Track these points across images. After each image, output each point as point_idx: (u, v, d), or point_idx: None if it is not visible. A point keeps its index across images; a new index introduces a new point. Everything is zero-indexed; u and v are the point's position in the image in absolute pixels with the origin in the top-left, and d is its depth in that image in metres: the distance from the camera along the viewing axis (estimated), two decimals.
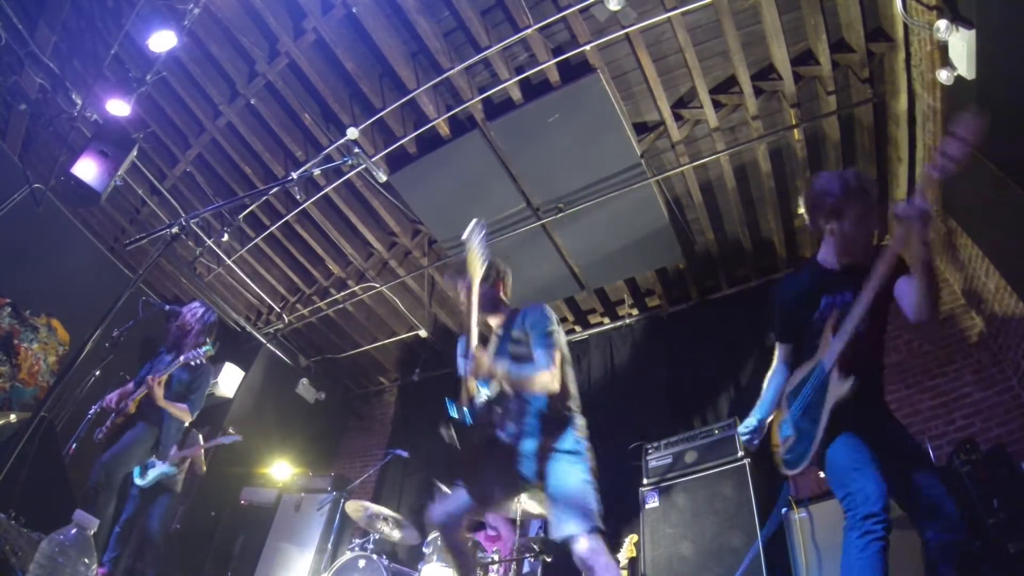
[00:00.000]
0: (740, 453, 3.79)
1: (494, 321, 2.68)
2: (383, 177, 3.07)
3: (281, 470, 5.68)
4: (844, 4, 3.69)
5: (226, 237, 5.63)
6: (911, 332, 4.52)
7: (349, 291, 6.21)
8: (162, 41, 4.08)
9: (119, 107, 4.46)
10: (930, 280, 1.91)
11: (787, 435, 2.22)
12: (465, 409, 2.35)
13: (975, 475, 2.90)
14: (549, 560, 3.92)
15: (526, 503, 3.98)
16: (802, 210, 2.34)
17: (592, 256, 5.41)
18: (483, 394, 2.38)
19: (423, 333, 6.38)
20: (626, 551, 3.86)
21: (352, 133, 3.64)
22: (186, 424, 4.03)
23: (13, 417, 4.02)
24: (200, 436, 4.77)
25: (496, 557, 3.96)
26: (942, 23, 2.96)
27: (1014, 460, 2.89)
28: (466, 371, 2.39)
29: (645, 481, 4.07)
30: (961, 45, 2.94)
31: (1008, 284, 3.73)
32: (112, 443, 3.80)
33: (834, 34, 3.88)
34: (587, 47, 3.99)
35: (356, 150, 2.77)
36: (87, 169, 4.53)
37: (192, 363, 3.87)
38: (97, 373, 3.96)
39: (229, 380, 6.15)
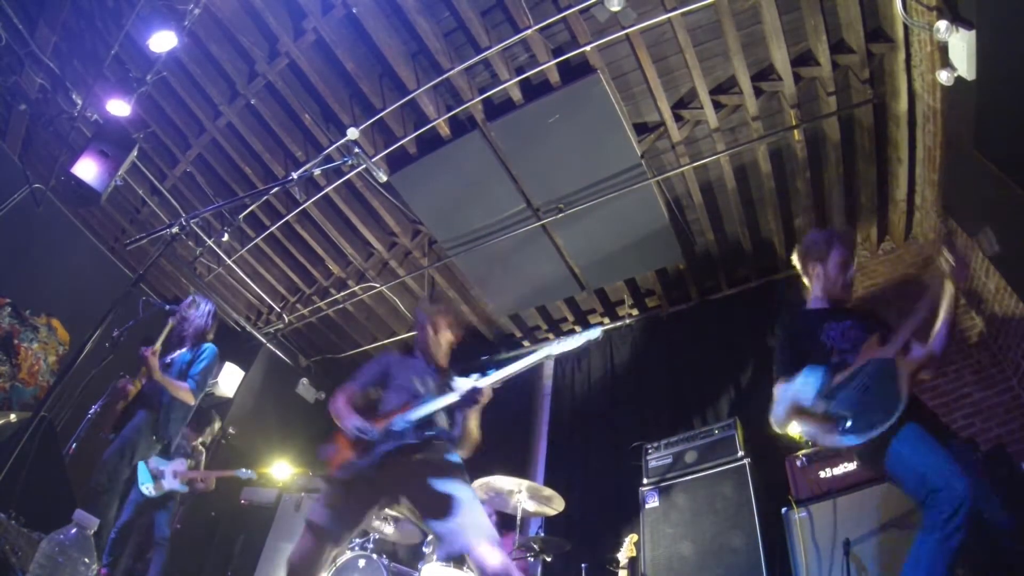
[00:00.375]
0: (740, 453, 3.79)
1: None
2: (383, 177, 3.07)
3: (281, 470, 5.68)
4: (844, 4, 3.69)
5: (226, 237, 5.63)
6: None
7: (349, 291, 6.21)
8: (162, 41, 4.08)
9: (119, 107, 4.46)
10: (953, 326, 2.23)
11: (844, 412, 2.14)
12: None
13: None
14: (549, 560, 3.92)
15: (525, 503, 3.98)
16: (796, 263, 2.70)
17: (592, 256, 5.41)
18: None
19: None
20: (626, 551, 3.86)
21: (352, 133, 3.63)
22: (192, 407, 3.94)
23: (13, 417, 4.02)
24: (204, 454, 4.77)
25: None
26: (942, 23, 2.96)
27: (1014, 460, 2.89)
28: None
29: (645, 481, 4.07)
30: (961, 45, 2.94)
31: (1008, 284, 3.73)
32: (116, 430, 3.78)
33: (834, 34, 3.88)
34: (587, 47, 3.99)
35: (356, 150, 2.76)
36: (87, 169, 4.53)
37: (182, 315, 3.85)
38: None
39: (229, 380, 6.14)
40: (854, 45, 3.85)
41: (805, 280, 2.65)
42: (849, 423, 2.10)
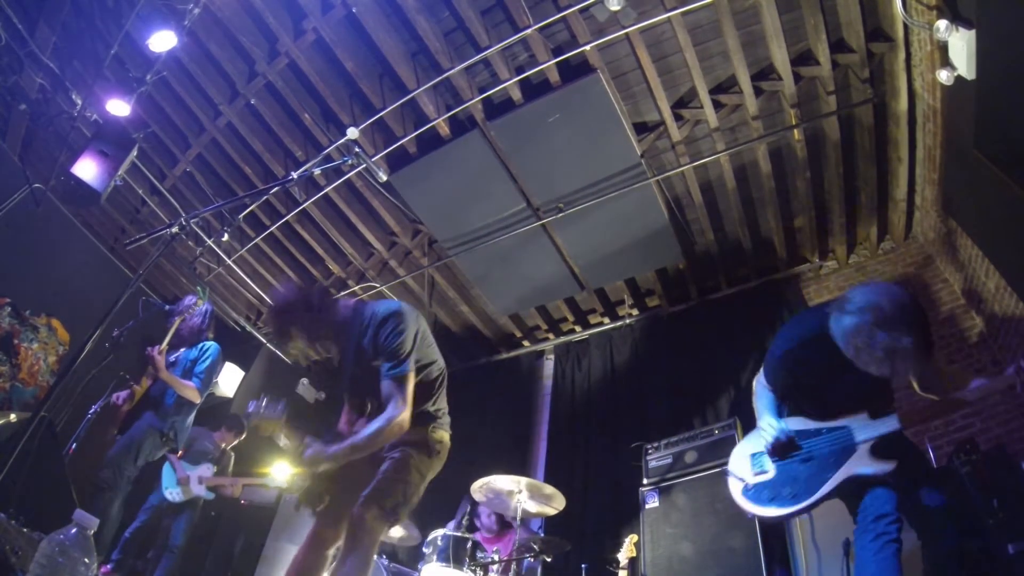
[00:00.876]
0: None
1: None
2: (383, 177, 3.07)
3: (281, 470, 5.68)
4: (844, 4, 3.69)
5: (226, 237, 5.58)
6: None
7: (349, 291, 6.21)
8: (162, 41, 4.07)
9: (119, 107, 4.46)
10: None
11: (762, 471, 2.16)
12: None
13: (975, 475, 2.89)
14: (549, 560, 3.92)
15: (526, 503, 3.98)
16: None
17: (592, 256, 5.41)
18: None
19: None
20: (626, 551, 3.86)
21: (352, 133, 3.62)
22: (196, 405, 3.96)
23: (13, 417, 4.01)
24: (232, 458, 4.77)
25: (496, 557, 3.96)
26: (942, 23, 2.96)
27: (1014, 460, 2.89)
28: None
29: (645, 481, 4.07)
30: (961, 45, 2.94)
31: (1008, 284, 3.73)
32: (122, 434, 3.80)
33: (834, 34, 3.88)
34: (587, 47, 3.99)
35: (356, 150, 2.76)
36: (87, 169, 4.53)
37: (186, 314, 3.87)
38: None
39: (229, 380, 6.14)
40: (854, 44, 3.84)
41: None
42: (760, 487, 2.11)
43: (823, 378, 2.10)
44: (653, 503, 3.91)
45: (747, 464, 2.23)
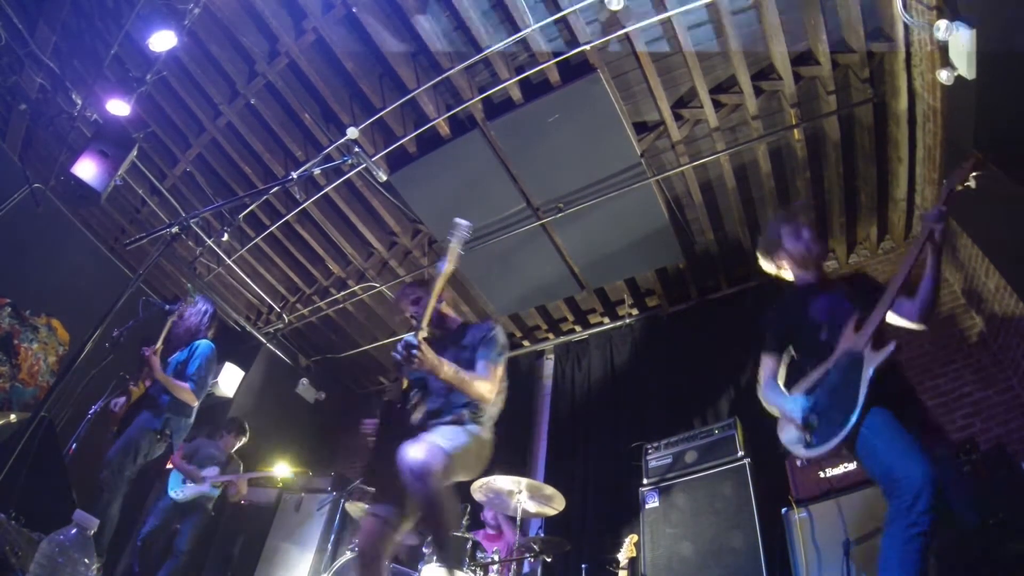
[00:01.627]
0: (740, 453, 3.79)
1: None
2: (383, 177, 3.07)
3: (281, 470, 5.68)
4: (844, 4, 3.68)
5: (226, 237, 5.60)
6: (911, 331, 4.52)
7: (349, 291, 6.21)
8: (162, 41, 4.08)
9: (119, 107, 4.46)
10: (939, 275, 2.20)
11: (805, 421, 2.22)
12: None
13: (975, 475, 2.90)
14: (549, 560, 3.92)
15: (526, 503, 3.98)
16: (765, 264, 2.84)
17: (592, 256, 5.41)
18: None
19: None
20: (626, 551, 3.86)
21: (352, 133, 3.64)
22: (194, 407, 3.99)
23: (13, 417, 4.02)
24: (241, 465, 4.79)
25: (496, 557, 3.96)
26: (942, 23, 2.96)
27: (1014, 460, 2.89)
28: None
29: (645, 481, 4.07)
30: (961, 45, 2.94)
31: (1008, 284, 3.73)
32: (119, 434, 3.82)
33: (834, 34, 3.87)
34: (587, 47, 3.99)
35: (356, 150, 2.76)
36: (87, 169, 4.53)
37: (177, 314, 3.89)
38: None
39: (229, 380, 6.14)
40: (854, 44, 3.84)
41: (785, 276, 2.76)
42: (813, 439, 2.18)
43: (802, 317, 2.45)
44: (653, 503, 3.91)
45: (795, 438, 2.28)
